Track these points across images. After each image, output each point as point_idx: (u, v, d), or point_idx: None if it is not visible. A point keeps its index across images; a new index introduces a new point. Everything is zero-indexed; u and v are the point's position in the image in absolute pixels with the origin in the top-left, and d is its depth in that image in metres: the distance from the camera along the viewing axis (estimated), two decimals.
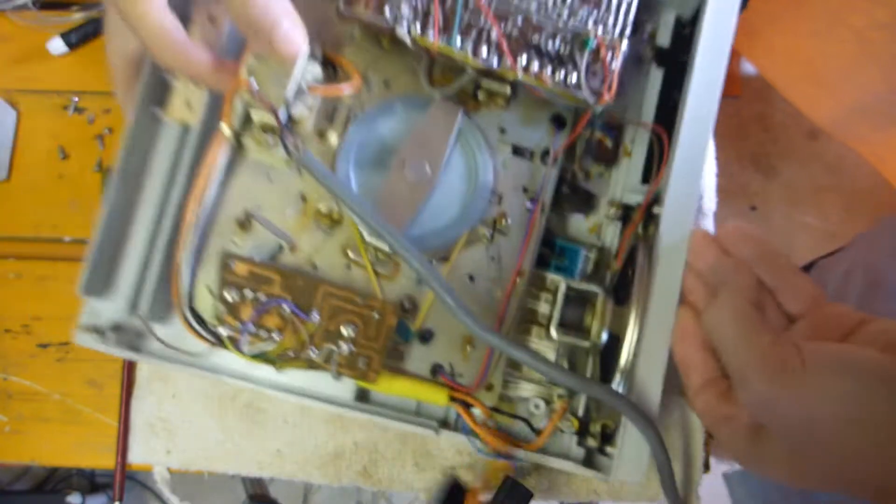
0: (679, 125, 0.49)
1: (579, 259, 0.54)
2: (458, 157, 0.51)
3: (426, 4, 0.47)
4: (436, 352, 0.50)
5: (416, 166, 0.49)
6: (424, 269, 0.45)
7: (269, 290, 0.47)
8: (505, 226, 0.51)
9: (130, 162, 0.52)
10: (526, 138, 0.52)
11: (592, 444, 0.50)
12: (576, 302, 0.51)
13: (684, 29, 0.55)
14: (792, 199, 1.58)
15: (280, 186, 0.51)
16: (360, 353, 0.47)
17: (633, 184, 0.54)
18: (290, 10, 0.43)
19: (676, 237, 0.47)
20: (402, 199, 0.49)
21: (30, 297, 0.65)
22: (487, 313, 0.50)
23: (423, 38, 0.47)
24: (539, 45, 0.48)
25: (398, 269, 0.50)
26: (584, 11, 0.48)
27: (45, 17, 0.72)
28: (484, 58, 0.47)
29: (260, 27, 0.41)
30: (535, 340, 0.53)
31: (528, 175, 0.52)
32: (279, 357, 0.47)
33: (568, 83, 0.47)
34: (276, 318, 0.47)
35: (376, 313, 0.47)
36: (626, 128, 0.56)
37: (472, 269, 0.50)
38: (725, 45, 0.49)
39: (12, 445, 0.62)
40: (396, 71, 0.53)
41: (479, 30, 0.48)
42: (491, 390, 0.50)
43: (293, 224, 0.51)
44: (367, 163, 0.50)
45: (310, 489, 1.29)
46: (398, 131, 0.51)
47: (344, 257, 0.50)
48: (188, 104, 0.51)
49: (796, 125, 1.61)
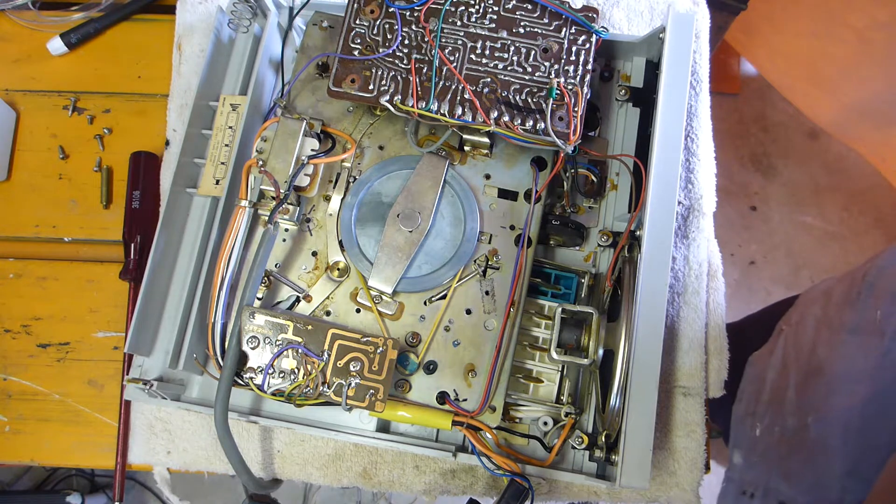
0: (651, 156, 0.53)
1: (574, 285, 0.58)
2: (448, 204, 0.57)
3: (405, 76, 0.54)
4: (441, 381, 0.54)
5: (410, 217, 0.55)
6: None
7: (285, 336, 0.52)
8: (496, 262, 0.56)
9: (167, 231, 0.59)
10: (510, 181, 0.58)
11: (599, 455, 0.51)
12: (572, 324, 0.55)
13: (656, 70, 0.59)
14: (792, 199, 1.58)
15: (294, 246, 0.57)
16: (367, 385, 0.50)
17: (621, 213, 0.60)
18: None
19: (658, 257, 0.51)
20: (399, 247, 0.55)
21: (30, 297, 0.65)
22: (485, 343, 0.54)
23: (404, 105, 0.53)
24: (508, 99, 0.54)
25: (402, 309, 0.55)
26: (546, 65, 0.54)
27: (45, 17, 0.72)
28: (459, 115, 0.53)
29: None
30: (538, 363, 0.56)
31: (514, 214, 0.57)
32: (295, 393, 0.51)
33: (537, 129, 0.53)
34: (291, 360, 0.51)
35: (379, 349, 0.51)
36: (607, 163, 0.62)
37: (468, 304, 0.55)
38: (684, 81, 0.54)
39: (12, 445, 0.62)
40: (389, 135, 0.59)
41: (454, 91, 0.54)
42: (494, 412, 0.53)
43: (307, 277, 0.56)
44: (368, 218, 0.57)
45: (310, 489, 1.29)
46: (394, 188, 0.57)
47: (353, 302, 0.55)
48: (215, 181, 0.60)
49: (796, 125, 1.61)
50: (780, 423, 0.60)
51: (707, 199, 0.63)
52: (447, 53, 0.54)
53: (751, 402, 0.65)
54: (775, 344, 0.65)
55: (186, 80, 0.68)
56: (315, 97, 0.59)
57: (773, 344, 0.66)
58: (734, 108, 1.63)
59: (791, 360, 0.62)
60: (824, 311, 0.60)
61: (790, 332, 0.64)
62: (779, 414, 0.60)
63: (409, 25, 0.54)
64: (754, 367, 0.68)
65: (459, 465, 0.58)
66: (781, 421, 0.60)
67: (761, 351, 0.68)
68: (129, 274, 0.62)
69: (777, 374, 0.63)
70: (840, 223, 1.56)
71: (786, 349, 0.63)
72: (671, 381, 0.59)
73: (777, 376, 0.63)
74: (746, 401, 0.66)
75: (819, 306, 0.61)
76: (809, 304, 0.64)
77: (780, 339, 0.65)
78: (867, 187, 1.56)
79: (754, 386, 0.66)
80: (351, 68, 0.54)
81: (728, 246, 1.55)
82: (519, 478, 0.51)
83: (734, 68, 1.60)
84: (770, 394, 0.63)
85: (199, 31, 0.69)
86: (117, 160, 0.68)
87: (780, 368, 0.63)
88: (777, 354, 0.64)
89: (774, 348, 0.65)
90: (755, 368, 0.67)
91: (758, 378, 0.66)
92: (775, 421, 0.61)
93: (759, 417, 0.63)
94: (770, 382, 0.64)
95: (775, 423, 0.61)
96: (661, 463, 0.58)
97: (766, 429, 0.62)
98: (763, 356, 0.67)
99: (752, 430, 0.64)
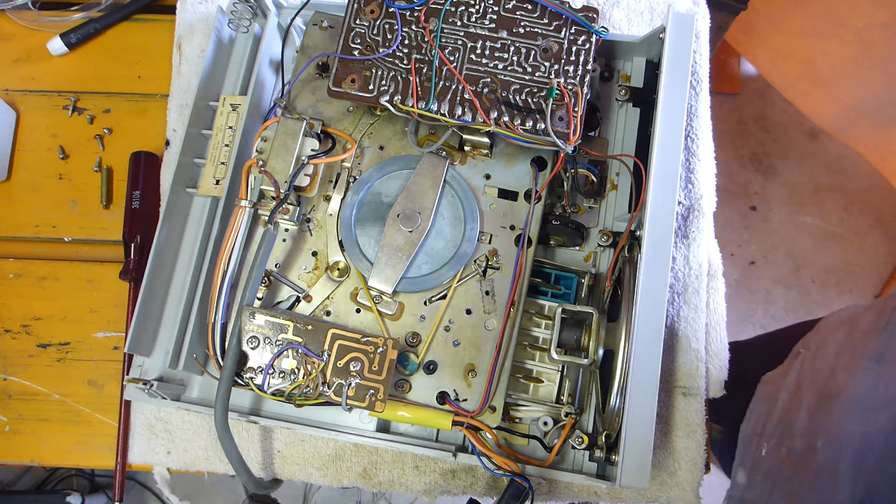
0: (651, 156, 0.53)
1: (574, 285, 0.58)
2: (448, 204, 0.57)
3: (405, 76, 0.54)
4: (441, 381, 0.54)
5: (410, 217, 0.55)
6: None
7: (285, 336, 0.52)
8: (496, 262, 0.56)
9: (167, 231, 0.59)
10: (510, 181, 0.58)
11: (599, 455, 0.51)
12: (572, 324, 0.55)
13: (656, 70, 0.59)
14: (792, 199, 1.58)
15: (294, 246, 0.57)
16: (367, 385, 0.50)
17: (621, 213, 0.60)
18: None
19: (658, 257, 0.51)
20: (399, 247, 0.55)
21: (30, 297, 0.65)
22: (485, 343, 0.54)
23: (404, 105, 0.53)
24: (508, 99, 0.53)
25: (402, 309, 0.55)
26: (546, 65, 0.54)
27: (45, 17, 0.72)
28: (459, 115, 0.53)
29: None
30: (538, 363, 0.56)
31: (514, 214, 0.57)
32: (296, 393, 0.51)
33: (537, 130, 0.53)
34: (291, 360, 0.51)
35: (379, 349, 0.51)
36: (607, 163, 0.61)
37: (468, 304, 0.55)
38: (684, 81, 0.54)
39: (12, 445, 0.62)
40: (389, 135, 0.59)
41: (454, 91, 0.54)
42: (494, 412, 0.52)
43: (307, 277, 0.56)
44: (368, 218, 0.57)
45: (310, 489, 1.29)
46: (394, 188, 0.57)
47: (353, 302, 0.55)
48: (215, 181, 0.60)
49: (796, 125, 1.61)
50: (788, 444, 0.60)
51: (707, 199, 0.63)
52: (447, 53, 0.54)
53: (759, 421, 0.65)
54: (791, 366, 0.65)
55: (186, 80, 0.68)
56: (315, 97, 0.59)
57: (789, 366, 0.65)
58: (734, 108, 1.63)
59: (806, 382, 0.61)
60: (848, 337, 0.60)
61: (808, 355, 0.63)
62: (787, 435, 0.60)
63: (409, 25, 0.54)
64: (766, 387, 0.67)
65: (459, 466, 0.58)
66: (789, 442, 0.59)
67: (775, 372, 0.67)
68: (129, 274, 0.62)
69: (790, 395, 0.63)
70: (840, 223, 1.56)
71: (801, 372, 0.63)
72: (671, 381, 0.59)
73: (790, 398, 0.62)
74: (755, 420, 0.66)
75: (843, 332, 0.61)
76: (832, 330, 0.63)
77: (796, 361, 0.64)
78: (867, 187, 1.56)
79: (765, 406, 0.65)
80: (351, 68, 0.54)
81: (728, 246, 1.55)
82: (519, 478, 0.51)
83: (734, 68, 1.60)
84: (780, 415, 0.63)
85: (199, 31, 0.69)
86: (117, 160, 0.68)
87: (794, 390, 0.62)
88: (792, 376, 0.64)
89: (789, 370, 0.64)
90: (767, 388, 0.67)
91: (769, 398, 0.65)
92: (783, 442, 0.60)
93: (767, 437, 0.63)
94: (782, 403, 0.63)
95: (783, 443, 0.60)
96: (661, 463, 0.58)
97: (772, 449, 0.62)
98: (777, 377, 0.66)
99: (758, 450, 0.63)
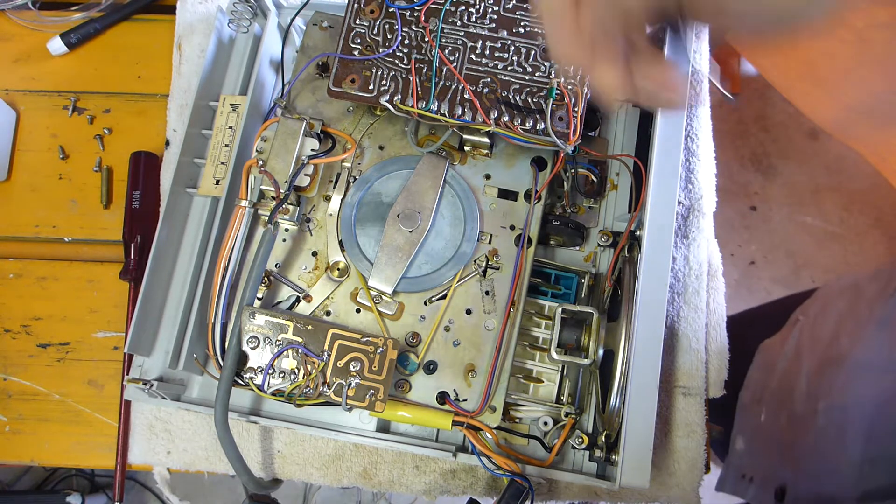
0: (651, 156, 0.53)
1: (574, 285, 0.58)
2: (448, 204, 0.57)
3: (405, 76, 0.54)
4: (441, 381, 0.54)
5: (410, 217, 0.55)
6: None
7: (285, 336, 0.52)
8: (496, 262, 0.56)
9: (167, 231, 0.59)
10: (510, 181, 0.58)
11: (599, 455, 0.51)
12: (572, 324, 0.55)
13: None
14: (792, 199, 1.58)
15: (294, 246, 0.57)
16: (367, 385, 0.50)
17: (621, 213, 0.60)
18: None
19: (658, 257, 0.51)
20: (399, 247, 0.55)
21: (30, 297, 0.65)
22: (485, 343, 0.54)
23: (404, 105, 0.53)
24: (508, 99, 0.53)
25: (402, 309, 0.55)
26: (546, 65, 0.54)
27: (45, 17, 0.72)
28: (459, 115, 0.53)
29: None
30: (538, 363, 0.56)
31: (514, 214, 0.57)
32: (296, 393, 0.51)
33: (537, 129, 0.53)
34: (291, 360, 0.51)
35: (379, 349, 0.51)
36: (607, 163, 0.61)
37: (468, 304, 0.55)
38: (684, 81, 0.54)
39: (12, 445, 0.62)
40: (389, 135, 0.59)
41: (454, 91, 0.54)
42: (494, 412, 0.52)
43: (307, 277, 0.56)
44: (368, 218, 0.57)
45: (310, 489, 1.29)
46: (394, 188, 0.57)
47: (353, 302, 0.55)
48: (215, 181, 0.60)
49: (796, 125, 1.61)
50: (788, 409, 0.59)
51: (707, 199, 0.62)
52: (447, 53, 0.54)
53: (758, 389, 0.65)
54: (789, 333, 0.64)
55: (186, 80, 0.68)
56: (315, 97, 0.59)
57: (787, 333, 0.65)
58: (734, 108, 1.63)
59: (806, 349, 0.61)
60: (852, 304, 0.59)
61: (807, 322, 0.63)
62: (787, 401, 0.60)
63: (409, 25, 0.54)
64: (764, 354, 0.67)
65: (459, 466, 0.58)
66: (790, 407, 0.59)
67: (773, 339, 0.67)
68: (129, 274, 0.62)
69: (789, 362, 0.62)
70: (840, 223, 1.56)
71: (801, 338, 0.62)
72: (671, 381, 0.59)
73: (788, 364, 0.62)
74: (753, 388, 0.66)
75: (845, 300, 0.60)
76: (833, 297, 0.63)
77: (794, 328, 0.64)
78: (867, 187, 1.56)
79: (763, 373, 0.65)
80: (351, 68, 0.54)
81: (728, 246, 1.55)
82: (519, 478, 0.51)
83: (734, 68, 1.60)
84: (779, 381, 0.62)
85: (199, 31, 0.69)
86: (117, 160, 0.68)
87: (793, 357, 0.62)
88: (790, 343, 0.63)
89: (788, 337, 0.64)
90: (765, 356, 0.67)
91: (767, 365, 0.65)
92: (783, 408, 0.60)
93: (766, 404, 0.63)
94: (780, 370, 0.63)
95: (782, 409, 0.60)
96: (661, 463, 0.58)
97: (772, 415, 0.62)
98: (774, 344, 0.66)
99: (756, 417, 0.63)
